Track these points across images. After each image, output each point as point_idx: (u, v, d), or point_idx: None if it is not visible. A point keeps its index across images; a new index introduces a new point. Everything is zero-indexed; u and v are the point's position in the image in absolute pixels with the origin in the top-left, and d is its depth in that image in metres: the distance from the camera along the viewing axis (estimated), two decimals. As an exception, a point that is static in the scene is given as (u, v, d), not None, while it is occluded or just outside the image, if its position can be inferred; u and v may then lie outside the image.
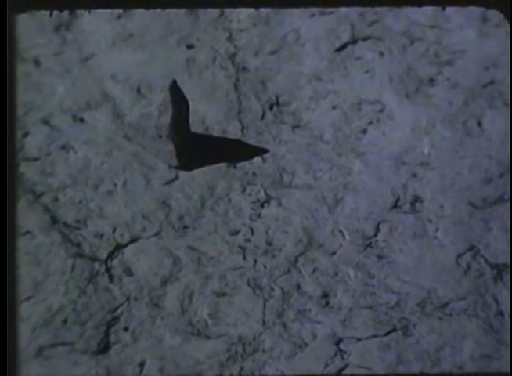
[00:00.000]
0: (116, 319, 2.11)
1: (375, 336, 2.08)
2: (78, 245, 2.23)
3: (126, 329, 2.09)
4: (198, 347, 2.06)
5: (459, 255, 2.21)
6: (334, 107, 2.51)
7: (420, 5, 2.64)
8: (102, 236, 2.25)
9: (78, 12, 2.70)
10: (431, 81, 2.56)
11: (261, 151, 2.43)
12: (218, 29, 2.69)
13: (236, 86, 2.57)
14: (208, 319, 2.11)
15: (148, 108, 2.35)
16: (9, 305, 1.89)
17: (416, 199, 2.32)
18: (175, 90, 2.34)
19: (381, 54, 2.62)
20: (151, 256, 2.21)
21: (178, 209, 2.31)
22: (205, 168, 2.39)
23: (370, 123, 2.48)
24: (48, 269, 2.18)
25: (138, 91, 2.55)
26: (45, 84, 2.58)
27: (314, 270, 2.19)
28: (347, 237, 2.25)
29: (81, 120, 2.49)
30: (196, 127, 2.47)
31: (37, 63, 2.63)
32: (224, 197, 2.33)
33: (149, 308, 2.13)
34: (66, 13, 2.70)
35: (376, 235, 2.25)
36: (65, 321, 2.10)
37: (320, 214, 2.29)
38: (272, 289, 2.16)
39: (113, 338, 2.08)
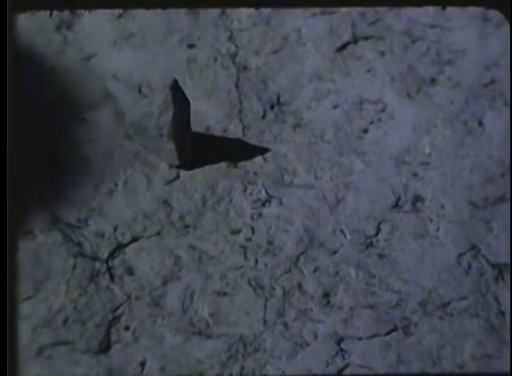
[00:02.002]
0: (117, 318, 2.11)
1: (376, 335, 2.08)
2: (79, 245, 2.23)
3: (127, 328, 2.09)
4: (199, 346, 2.07)
5: (460, 255, 2.21)
6: (335, 107, 2.51)
7: (420, 5, 2.64)
8: (103, 235, 2.25)
9: (79, 11, 2.70)
10: (432, 80, 2.56)
11: (262, 150, 2.43)
12: (219, 28, 2.69)
13: (237, 85, 2.56)
14: (209, 319, 2.11)
15: (149, 107, 2.35)
16: (9, 304, 1.89)
17: (417, 198, 2.31)
18: (176, 89, 2.34)
19: (382, 54, 2.62)
20: (152, 255, 2.21)
21: (179, 208, 2.31)
22: (206, 168, 2.39)
23: (371, 122, 2.48)
24: (49, 269, 2.18)
25: (140, 90, 2.55)
26: (45, 83, 2.59)
27: (315, 269, 2.19)
28: (349, 237, 2.25)
29: (83, 119, 2.49)
30: (197, 126, 2.47)
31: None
32: (225, 197, 2.33)
33: (150, 307, 2.13)
34: (67, 13, 2.69)
35: (377, 234, 2.25)
36: (66, 320, 2.10)
37: (321, 213, 2.29)
38: (273, 288, 2.16)
39: (114, 337, 2.08)
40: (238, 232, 2.26)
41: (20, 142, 2.25)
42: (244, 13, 2.71)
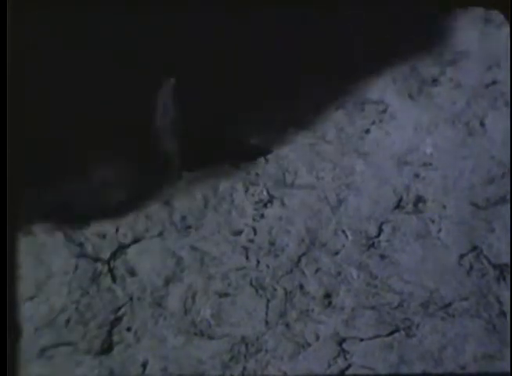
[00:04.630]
0: (119, 319, 2.11)
1: (378, 336, 2.08)
2: (81, 245, 2.23)
3: (129, 329, 2.09)
4: (201, 347, 2.06)
5: (462, 256, 2.21)
6: (337, 107, 2.51)
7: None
8: (104, 236, 2.25)
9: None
10: (434, 81, 2.56)
11: (264, 151, 2.43)
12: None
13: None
14: (211, 320, 2.11)
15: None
16: (10, 305, 1.89)
17: (419, 199, 2.31)
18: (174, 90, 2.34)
19: (384, 54, 2.62)
20: (154, 256, 2.21)
21: (180, 209, 2.30)
22: (208, 169, 2.39)
23: (373, 123, 2.48)
24: (50, 269, 2.18)
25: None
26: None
27: (317, 270, 2.19)
28: (350, 237, 2.25)
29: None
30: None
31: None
32: (227, 197, 2.32)
33: (151, 308, 2.13)
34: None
35: (378, 235, 2.25)
36: (68, 321, 2.10)
37: (323, 214, 2.29)
38: (275, 289, 2.15)
39: (115, 338, 2.08)
40: (240, 233, 2.26)
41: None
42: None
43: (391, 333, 2.08)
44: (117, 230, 2.26)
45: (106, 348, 2.06)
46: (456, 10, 2.67)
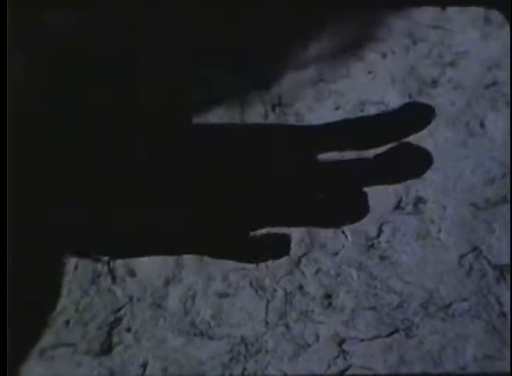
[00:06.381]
0: (119, 320, 2.11)
1: (378, 337, 2.08)
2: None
3: (129, 330, 2.09)
4: (201, 348, 2.06)
5: (462, 256, 2.21)
6: (337, 108, 2.51)
7: (420, 5, 2.64)
8: (104, 236, 2.25)
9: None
10: (434, 82, 2.56)
11: (264, 152, 2.42)
12: (221, 30, 2.68)
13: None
14: (211, 320, 2.11)
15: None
16: (10, 305, 1.89)
17: (419, 200, 2.31)
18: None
19: (384, 55, 2.61)
20: (154, 257, 2.21)
21: (180, 210, 2.30)
22: (208, 169, 2.38)
23: (373, 124, 2.48)
24: (50, 270, 2.18)
25: (141, 91, 2.54)
26: (47, 84, 2.58)
27: (316, 271, 2.19)
28: (350, 238, 2.24)
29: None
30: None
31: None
32: (227, 198, 2.32)
33: (151, 309, 2.13)
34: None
35: (378, 236, 2.25)
36: (67, 322, 2.10)
37: (323, 215, 2.29)
38: (275, 290, 2.15)
39: (115, 338, 2.08)
40: (240, 233, 2.26)
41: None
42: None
43: (391, 333, 2.08)
44: (117, 231, 2.26)
45: (106, 349, 2.06)
46: (455, 10, 2.67)
